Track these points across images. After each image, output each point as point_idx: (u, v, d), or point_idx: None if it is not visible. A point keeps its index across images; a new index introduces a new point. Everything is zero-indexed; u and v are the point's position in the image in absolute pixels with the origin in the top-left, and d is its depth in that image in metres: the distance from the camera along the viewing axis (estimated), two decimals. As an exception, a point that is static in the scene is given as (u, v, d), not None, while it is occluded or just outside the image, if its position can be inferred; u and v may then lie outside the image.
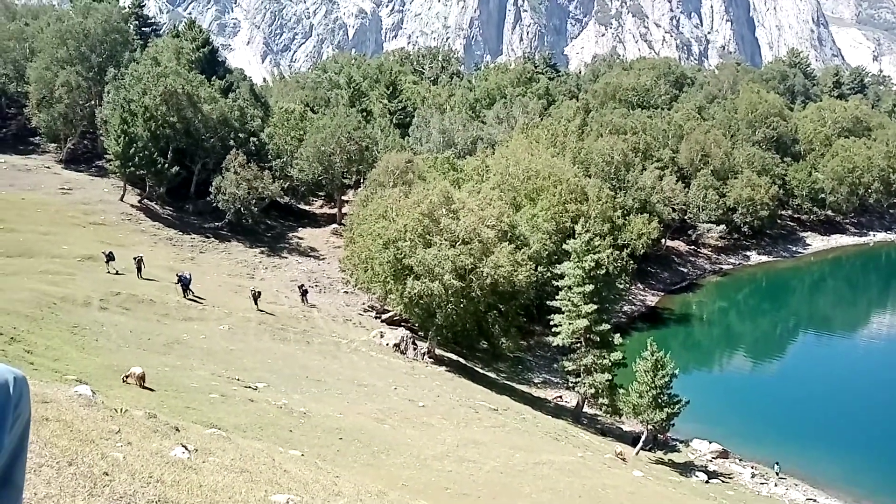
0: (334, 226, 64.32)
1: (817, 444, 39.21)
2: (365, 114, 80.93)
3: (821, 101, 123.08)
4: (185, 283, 36.93)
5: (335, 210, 67.83)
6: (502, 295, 41.94)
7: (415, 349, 40.72)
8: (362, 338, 40.52)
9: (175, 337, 28.73)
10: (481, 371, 44.70)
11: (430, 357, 41.14)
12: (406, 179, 56.36)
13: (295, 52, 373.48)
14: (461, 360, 44.86)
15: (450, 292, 37.48)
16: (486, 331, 43.59)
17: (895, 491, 33.94)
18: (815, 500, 33.26)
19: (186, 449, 9.31)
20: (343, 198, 69.16)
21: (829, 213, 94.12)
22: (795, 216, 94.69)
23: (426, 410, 28.04)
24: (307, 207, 71.69)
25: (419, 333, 44.36)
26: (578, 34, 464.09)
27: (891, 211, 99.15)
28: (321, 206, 73.26)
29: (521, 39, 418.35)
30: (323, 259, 57.76)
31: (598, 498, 21.33)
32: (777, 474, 35.82)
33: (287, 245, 59.38)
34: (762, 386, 50.63)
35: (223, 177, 55.54)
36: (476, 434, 26.32)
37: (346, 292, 51.40)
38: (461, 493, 18.24)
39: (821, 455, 37.93)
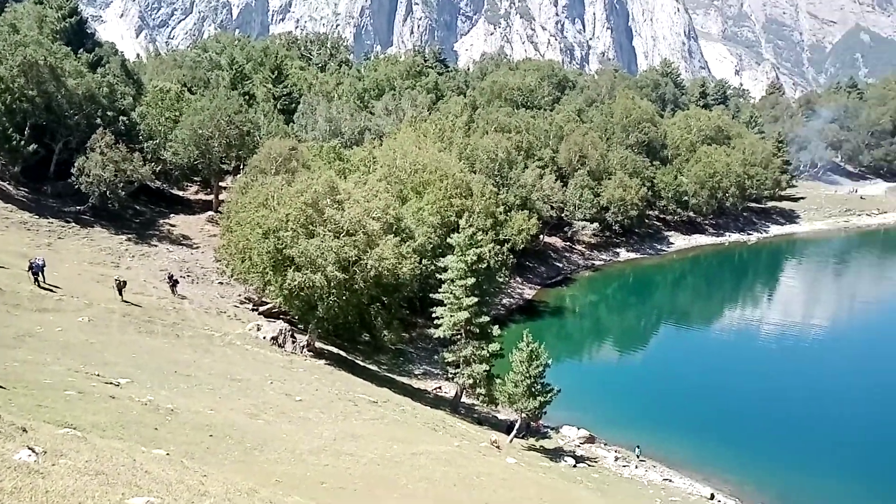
0: (210, 213, 61.66)
1: (674, 428, 42.30)
2: (247, 97, 78.08)
3: (688, 109, 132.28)
4: (36, 269, 34.10)
5: (211, 196, 65.02)
6: (386, 287, 41.95)
7: (294, 342, 39.90)
8: (237, 331, 39.18)
9: (27, 329, 26.49)
10: (362, 364, 44.57)
11: (309, 350, 40.47)
12: (289, 167, 55.01)
13: (173, 28, 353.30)
14: (342, 352, 44.51)
15: (332, 284, 37.01)
16: (368, 323, 43.44)
17: (740, 469, 37.33)
18: (670, 480, 35.89)
19: (33, 451, 8.65)
20: (220, 184, 66.42)
21: (691, 214, 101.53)
22: (661, 216, 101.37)
23: (303, 404, 27.60)
24: (181, 193, 68.26)
25: (299, 326, 43.53)
26: (468, 31, 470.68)
27: (744, 214, 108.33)
28: (196, 193, 69.99)
29: (412, 32, 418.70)
30: (197, 248, 55.22)
31: (472, 485, 21.92)
32: (638, 457, 38.37)
33: (157, 232, 56.24)
34: (627, 374, 53.99)
35: (87, 157, 51.69)
36: (355, 427, 26.24)
37: (222, 283, 49.45)
38: (337, 486, 18.14)
39: (677, 438, 40.96)
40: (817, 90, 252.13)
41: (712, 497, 34.27)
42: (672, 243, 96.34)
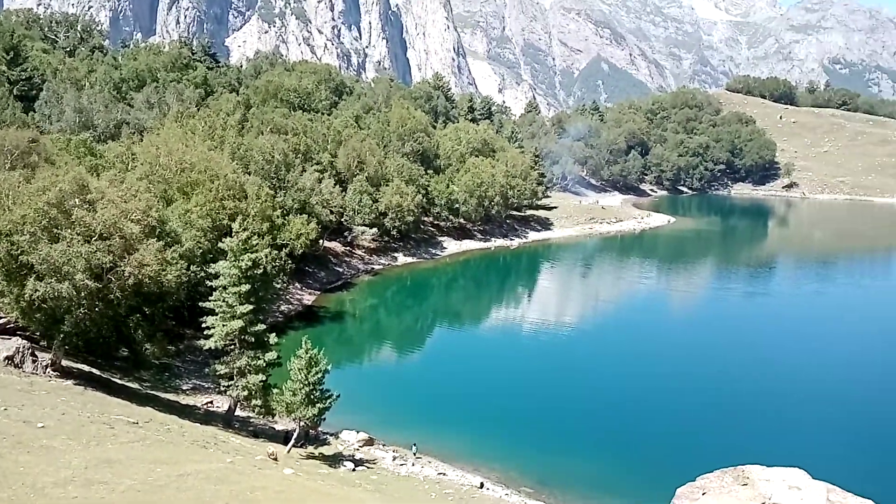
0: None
1: (448, 423, 44.34)
2: (-27, 79, 67.03)
3: (458, 122, 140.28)
4: None
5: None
6: (148, 296, 38.41)
7: (34, 361, 34.82)
8: (-40, 351, 33.22)
9: None
10: (120, 382, 40.35)
11: (54, 370, 35.61)
12: (28, 162, 48.21)
13: None
14: (95, 370, 39.85)
15: (83, 294, 32.95)
16: (127, 336, 39.34)
17: (506, 458, 40.21)
18: (444, 474, 37.52)
19: None
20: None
21: (462, 220, 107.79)
22: (435, 222, 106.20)
23: (47, 431, 24.16)
24: None
25: (41, 343, 38.12)
26: (241, 27, 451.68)
27: (507, 221, 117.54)
28: None
29: (178, 22, 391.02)
30: None
31: (245, 501, 20.86)
32: (415, 454, 39.56)
33: None
34: (405, 375, 55.54)
35: None
36: (110, 452, 23.57)
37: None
38: (88, 520, 16.11)
39: (451, 433, 42.95)
40: (567, 111, 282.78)
41: (482, 486, 36.48)
42: (445, 248, 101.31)
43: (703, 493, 28.32)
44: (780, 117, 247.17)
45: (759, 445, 39.63)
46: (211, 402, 42.77)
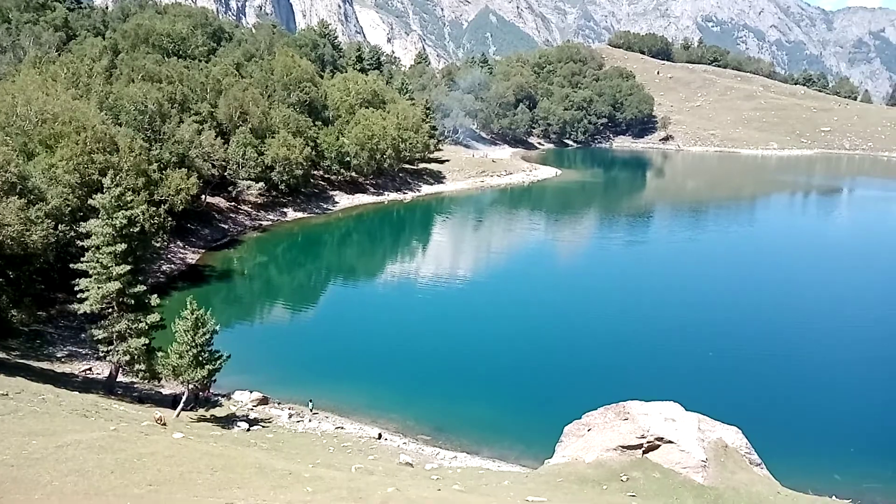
0: None
1: (346, 378, 44.31)
2: None
3: (346, 72, 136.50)
4: None
5: None
6: (11, 259, 35.39)
7: None
8: None
9: None
10: (-16, 352, 37.22)
11: None
12: None
13: None
14: (-47, 341, 36.53)
15: (-69, 259, 29.82)
16: (-12, 303, 36.24)
17: (403, 408, 40.81)
18: (342, 427, 37.67)
19: None
20: None
21: (354, 174, 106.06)
22: (326, 176, 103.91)
23: None
24: None
25: None
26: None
27: (400, 175, 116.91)
28: None
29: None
30: None
31: (132, 469, 19.97)
32: (311, 410, 39.37)
33: None
34: (299, 333, 54.72)
35: None
36: (-25, 428, 21.78)
37: None
38: (-49, 503, 14.87)
39: (348, 387, 42.97)
40: (457, 63, 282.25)
41: (380, 436, 36.98)
42: (337, 202, 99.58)
43: (589, 430, 30.13)
44: (658, 73, 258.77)
45: (640, 382, 42.45)
46: (90, 369, 40.44)
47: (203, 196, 74.64)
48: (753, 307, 62.69)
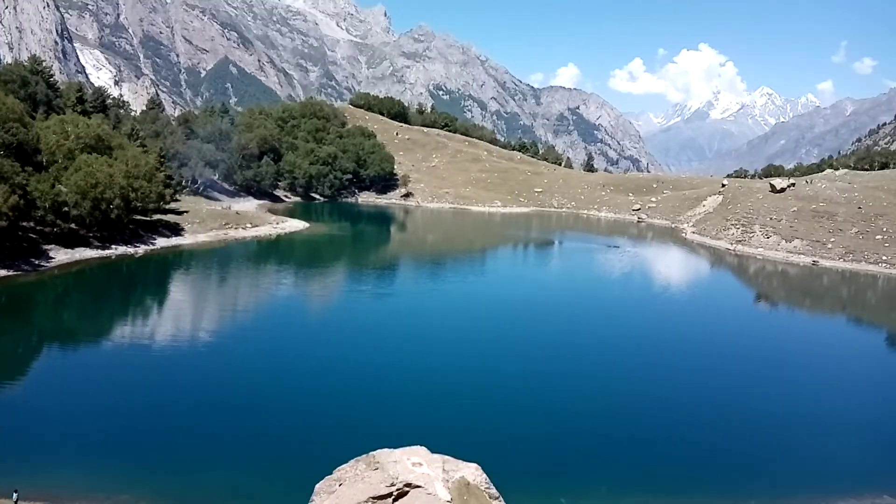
0: None
1: (58, 458, 38.52)
2: None
3: (65, 114, 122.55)
4: None
5: None
6: None
7: None
8: None
9: None
10: None
11: None
12: None
13: None
14: None
15: None
16: None
17: (137, 487, 36.58)
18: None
19: None
20: None
21: (74, 226, 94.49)
22: (39, 228, 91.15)
23: None
24: None
25: None
26: None
27: (131, 227, 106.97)
28: None
29: None
30: None
31: None
32: (15, 502, 33.41)
33: None
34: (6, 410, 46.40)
35: None
36: None
37: None
38: None
39: (63, 469, 37.42)
40: (195, 111, 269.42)
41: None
42: (53, 258, 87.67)
43: (340, 485, 29.91)
44: (397, 133, 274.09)
45: (389, 429, 43.39)
46: None
47: None
48: (491, 348, 68.30)
